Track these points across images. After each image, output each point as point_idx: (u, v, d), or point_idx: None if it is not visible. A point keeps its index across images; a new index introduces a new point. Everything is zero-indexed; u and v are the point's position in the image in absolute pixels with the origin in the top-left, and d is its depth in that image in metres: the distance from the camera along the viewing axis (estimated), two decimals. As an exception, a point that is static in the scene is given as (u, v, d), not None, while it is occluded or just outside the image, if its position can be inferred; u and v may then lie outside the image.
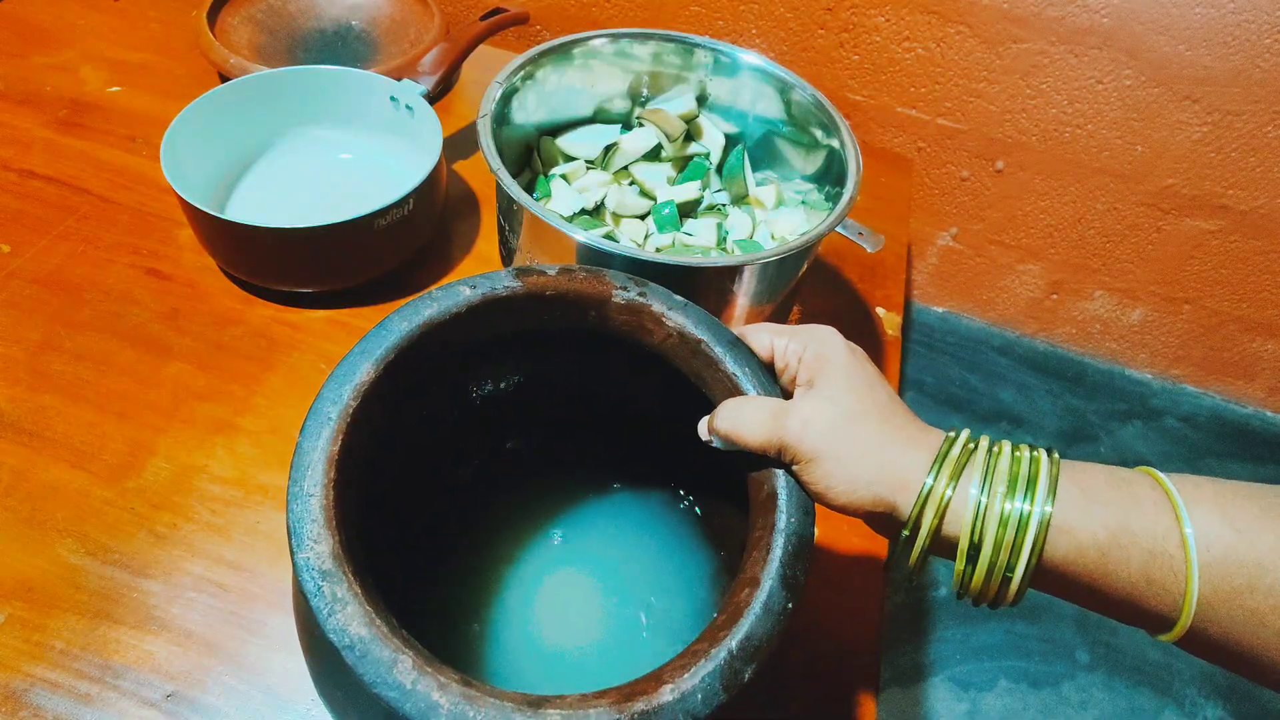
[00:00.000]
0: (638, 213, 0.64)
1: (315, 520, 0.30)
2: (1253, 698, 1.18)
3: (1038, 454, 0.31)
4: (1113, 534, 0.29)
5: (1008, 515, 0.30)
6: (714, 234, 0.62)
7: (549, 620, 0.44)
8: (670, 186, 0.65)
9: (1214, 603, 0.27)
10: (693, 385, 0.38)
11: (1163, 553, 0.28)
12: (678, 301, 0.38)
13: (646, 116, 0.67)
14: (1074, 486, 0.30)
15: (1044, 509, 0.29)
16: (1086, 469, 0.31)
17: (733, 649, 0.29)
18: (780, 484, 0.33)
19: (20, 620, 0.46)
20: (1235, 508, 0.28)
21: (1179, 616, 0.28)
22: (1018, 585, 0.30)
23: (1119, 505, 0.29)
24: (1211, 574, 0.27)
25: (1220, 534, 0.28)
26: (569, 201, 0.62)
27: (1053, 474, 0.30)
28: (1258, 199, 0.95)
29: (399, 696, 0.26)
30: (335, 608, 0.28)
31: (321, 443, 0.32)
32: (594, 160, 0.67)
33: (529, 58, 0.60)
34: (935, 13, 0.91)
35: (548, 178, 0.65)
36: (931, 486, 0.30)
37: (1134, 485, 0.30)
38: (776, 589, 0.30)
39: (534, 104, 0.63)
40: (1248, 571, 0.27)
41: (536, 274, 0.38)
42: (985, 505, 0.30)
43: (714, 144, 0.67)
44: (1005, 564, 0.30)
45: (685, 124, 0.66)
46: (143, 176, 0.70)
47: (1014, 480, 0.30)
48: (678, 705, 0.27)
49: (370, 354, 0.34)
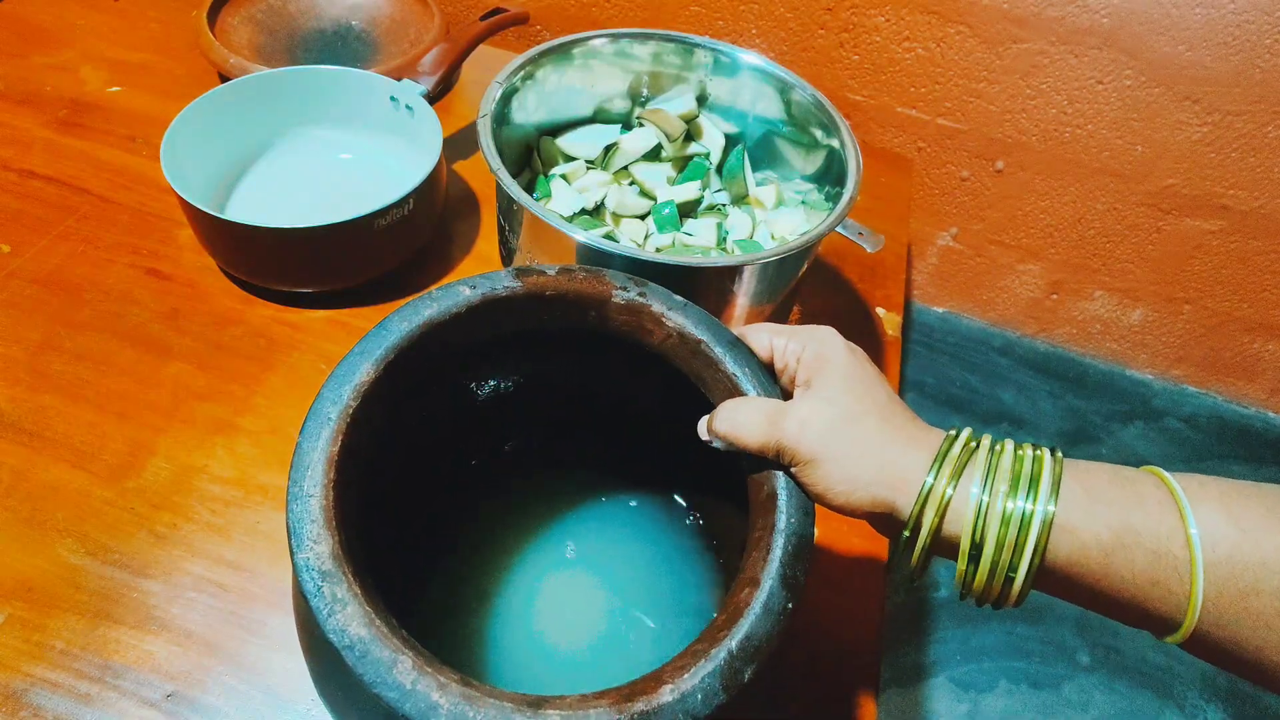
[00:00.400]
0: (638, 213, 0.64)
1: (315, 520, 0.30)
2: (1253, 700, 1.18)
3: (1040, 453, 0.31)
4: (1116, 534, 0.28)
5: (1010, 514, 0.29)
6: (714, 234, 0.62)
7: (549, 620, 0.44)
8: (670, 186, 0.65)
9: (1219, 605, 0.27)
10: (693, 385, 0.38)
11: (1167, 553, 0.28)
12: (678, 301, 0.38)
13: (646, 116, 0.67)
14: (1077, 485, 0.30)
15: (1047, 508, 0.29)
16: (1090, 468, 0.31)
17: (733, 649, 0.28)
18: (780, 484, 0.33)
19: (20, 620, 0.46)
20: (1240, 507, 0.28)
21: (1183, 618, 0.28)
22: (1020, 586, 0.30)
23: (1123, 504, 0.29)
24: (1217, 575, 0.27)
25: (1225, 534, 0.27)
26: (569, 201, 0.62)
27: (1055, 473, 0.30)
28: (1258, 199, 0.95)
29: (399, 697, 0.26)
30: (335, 608, 0.28)
31: (321, 443, 0.32)
32: (594, 160, 0.67)
33: (529, 57, 0.60)
34: (935, 13, 0.91)
35: (548, 178, 0.65)
36: (932, 485, 0.30)
37: (1138, 484, 0.30)
38: (777, 589, 0.30)
39: (534, 104, 0.63)
40: (1253, 573, 0.27)
41: (536, 274, 0.38)
42: (987, 504, 0.30)
43: (714, 144, 0.67)
44: (1007, 564, 0.30)
45: (685, 124, 0.66)
46: (143, 176, 0.70)
47: (1016, 479, 0.30)
48: (678, 705, 0.27)
49: (370, 354, 0.34)
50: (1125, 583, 0.29)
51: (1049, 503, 0.29)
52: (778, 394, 0.36)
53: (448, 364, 0.38)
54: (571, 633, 0.44)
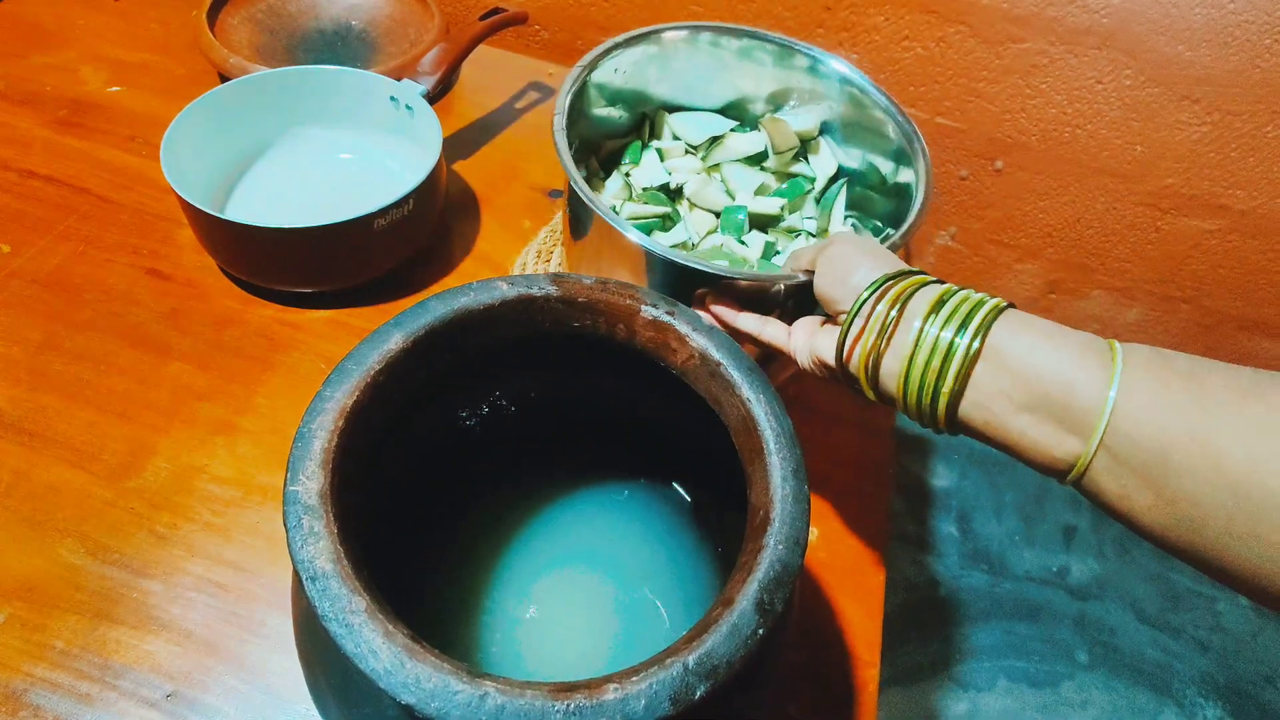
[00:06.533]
0: (714, 207, 0.62)
1: (313, 459, 0.31)
2: (1252, 697, 1.18)
3: (982, 296, 0.35)
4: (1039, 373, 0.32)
5: (961, 300, 0.35)
6: (760, 249, 0.60)
7: (546, 620, 0.44)
8: (755, 196, 0.63)
9: (1112, 461, 0.30)
10: (709, 408, 0.39)
11: (1080, 406, 0.31)
12: (704, 324, 0.39)
13: (766, 123, 0.65)
14: (1018, 322, 0.34)
15: (996, 303, 0.34)
16: (1034, 319, 0.34)
17: (688, 663, 0.28)
18: (775, 511, 0.33)
19: (20, 620, 0.46)
20: (1168, 380, 0.29)
21: (1075, 464, 0.31)
22: (944, 405, 0.34)
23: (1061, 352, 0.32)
24: (1116, 437, 0.30)
25: (1143, 402, 0.29)
26: (654, 173, 0.61)
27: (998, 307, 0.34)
28: (1257, 199, 0.95)
29: (345, 633, 0.27)
30: (309, 540, 0.29)
31: (338, 393, 0.33)
32: (696, 147, 0.65)
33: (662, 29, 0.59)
34: (935, 12, 0.91)
35: (646, 146, 0.64)
36: (866, 299, 0.37)
37: (1081, 339, 0.33)
38: (748, 612, 0.30)
39: (660, 74, 0.62)
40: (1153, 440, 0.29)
41: (573, 281, 0.39)
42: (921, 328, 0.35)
43: (823, 170, 0.64)
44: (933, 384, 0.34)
45: (800, 141, 0.64)
46: (143, 176, 0.70)
47: (964, 300, 0.35)
48: (616, 706, 0.27)
49: (403, 326, 0.36)
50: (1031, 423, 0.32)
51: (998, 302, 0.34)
52: (789, 422, 0.36)
53: (471, 356, 0.39)
54: (566, 634, 0.44)
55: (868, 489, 0.59)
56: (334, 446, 0.32)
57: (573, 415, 0.49)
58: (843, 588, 0.54)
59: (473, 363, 0.39)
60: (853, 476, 0.60)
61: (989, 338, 0.33)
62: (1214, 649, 1.21)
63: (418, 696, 0.26)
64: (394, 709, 0.29)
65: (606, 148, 0.65)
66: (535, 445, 0.50)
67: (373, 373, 0.34)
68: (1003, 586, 1.24)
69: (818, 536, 0.56)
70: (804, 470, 0.34)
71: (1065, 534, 1.31)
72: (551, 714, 0.26)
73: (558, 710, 0.26)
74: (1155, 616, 1.23)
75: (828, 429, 0.62)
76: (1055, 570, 1.27)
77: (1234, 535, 0.27)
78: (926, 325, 0.34)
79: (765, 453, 0.34)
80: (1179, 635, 1.22)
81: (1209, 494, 0.27)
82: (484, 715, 0.26)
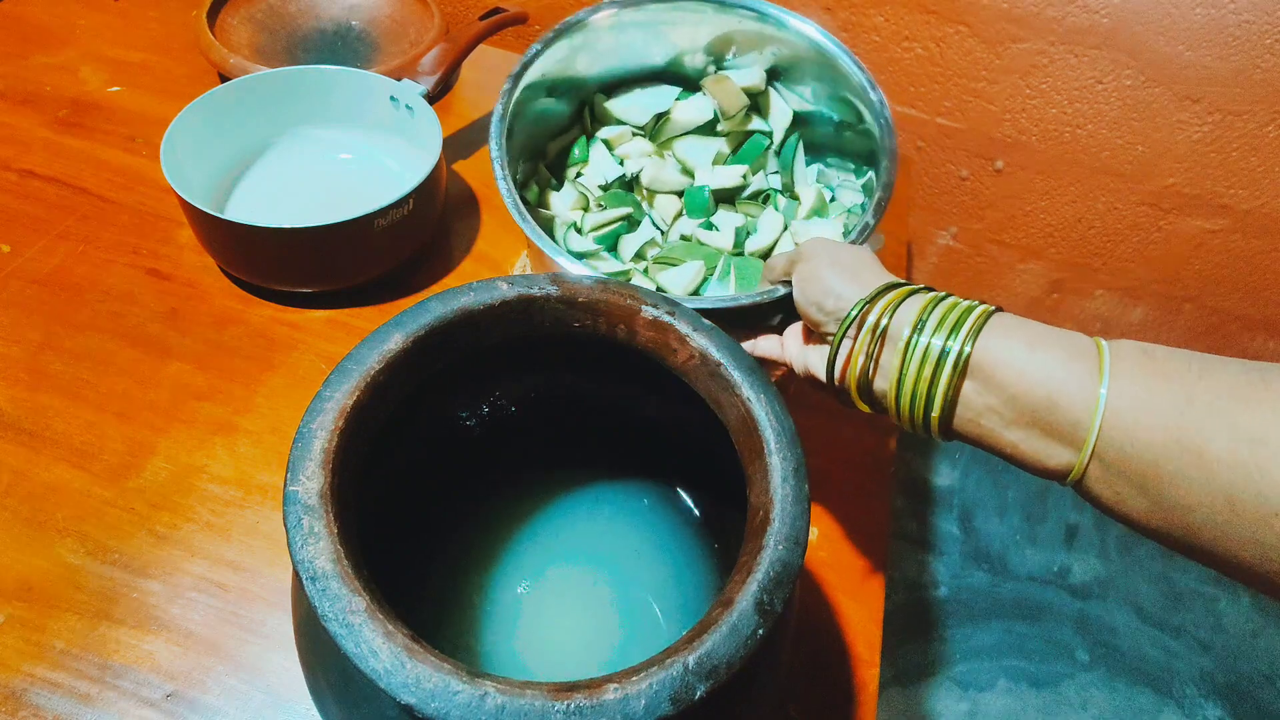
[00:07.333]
0: (674, 189, 0.61)
1: (313, 459, 0.31)
2: (1252, 697, 1.18)
3: (971, 303, 0.36)
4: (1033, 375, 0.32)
5: (949, 307, 0.35)
6: (732, 237, 0.59)
7: (546, 620, 0.44)
8: (714, 168, 0.61)
9: (1105, 465, 0.30)
10: (708, 408, 0.38)
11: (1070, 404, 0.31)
12: (704, 325, 0.39)
13: (709, 85, 0.61)
14: (1003, 328, 0.34)
15: (983, 309, 0.35)
16: (1026, 321, 0.35)
17: (689, 664, 0.28)
18: (775, 511, 0.33)
19: (20, 620, 0.46)
20: (1156, 380, 0.30)
21: (1074, 466, 0.31)
22: (938, 413, 0.34)
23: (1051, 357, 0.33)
24: (1109, 439, 0.30)
25: (1131, 402, 0.30)
26: (606, 169, 0.60)
27: (978, 320, 0.34)
28: (1259, 198, 0.95)
29: (345, 632, 0.27)
30: (309, 540, 0.29)
31: (338, 393, 0.33)
32: (642, 127, 0.63)
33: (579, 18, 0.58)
34: (935, 12, 0.91)
35: (591, 141, 0.62)
36: (858, 313, 0.38)
37: (1073, 340, 0.33)
38: (748, 612, 0.30)
39: (594, 54, 0.60)
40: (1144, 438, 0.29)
41: (573, 282, 0.39)
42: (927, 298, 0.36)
43: (779, 123, 0.62)
44: (926, 392, 0.34)
45: (748, 98, 0.62)
46: (143, 176, 0.70)
47: (948, 311, 0.35)
48: (617, 706, 0.27)
49: (403, 326, 0.36)
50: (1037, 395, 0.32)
51: (985, 310, 0.34)
52: (790, 422, 0.36)
53: (471, 356, 0.39)
54: (564, 636, 0.44)
55: (868, 487, 0.59)
56: (334, 446, 0.32)
57: (572, 416, 0.49)
58: (843, 587, 0.54)
59: (473, 363, 0.39)
60: (853, 475, 0.60)
61: (975, 351, 0.33)
62: (1215, 649, 1.21)
63: (418, 696, 0.26)
64: (394, 709, 0.29)
65: (552, 149, 0.64)
66: (535, 445, 0.50)
67: (373, 373, 0.34)
68: (1004, 586, 1.24)
69: (818, 536, 0.56)
70: (805, 470, 0.34)
71: (1068, 532, 1.31)
72: (551, 714, 0.26)
73: (558, 710, 0.26)
74: (1156, 616, 1.23)
75: (828, 427, 0.62)
76: (1056, 570, 1.27)
77: (1231, 538, 0.27)
78: (913, 341, 0.35)
79: (765, 453, 0.34)
80: (1180, 635, 1.22)
81: (1202, 500, 0.27)
82: (484, 715, 0.26)
